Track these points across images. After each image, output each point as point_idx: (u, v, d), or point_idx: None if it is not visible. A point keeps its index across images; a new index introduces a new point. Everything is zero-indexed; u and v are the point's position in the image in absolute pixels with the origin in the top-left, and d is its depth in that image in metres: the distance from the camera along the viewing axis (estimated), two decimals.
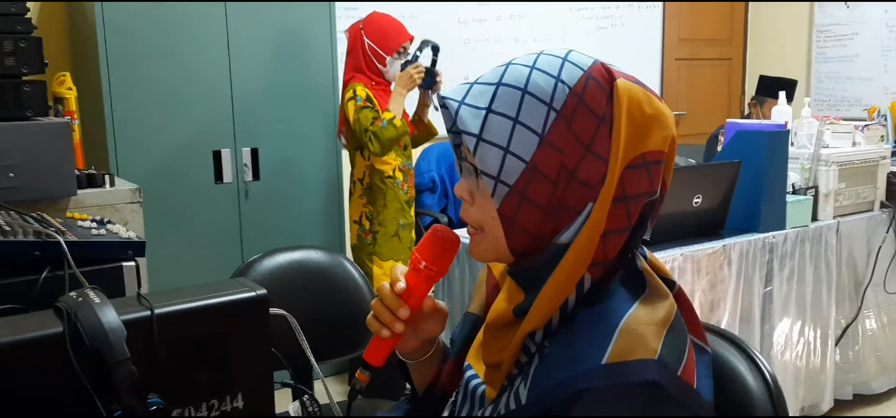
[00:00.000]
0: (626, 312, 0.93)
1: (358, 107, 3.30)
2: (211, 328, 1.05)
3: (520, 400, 0.95)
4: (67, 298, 0.98)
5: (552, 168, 0.93)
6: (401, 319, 1.09)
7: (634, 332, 0.91)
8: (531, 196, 0.94)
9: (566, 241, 0.95)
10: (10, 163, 2.00)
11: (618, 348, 0.90)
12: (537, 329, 0.97)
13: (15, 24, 2.01)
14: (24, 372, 0.91)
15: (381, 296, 1.10)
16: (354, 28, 3.46)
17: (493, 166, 0.94)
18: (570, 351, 0.92)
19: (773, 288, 3.10)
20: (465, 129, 0.95)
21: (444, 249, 1.10)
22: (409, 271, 1.11)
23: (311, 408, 1.28)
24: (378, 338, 1.11)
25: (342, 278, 2.48)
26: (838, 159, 3.30)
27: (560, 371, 0.92)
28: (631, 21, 5.82)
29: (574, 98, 0.93)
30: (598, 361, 0.89)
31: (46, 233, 1.35)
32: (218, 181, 3.61)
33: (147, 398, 0.95)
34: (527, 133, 0.93)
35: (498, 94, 0.95)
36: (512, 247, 0.98)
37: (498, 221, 0.97)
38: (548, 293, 0.94)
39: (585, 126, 0.93)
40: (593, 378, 0.88)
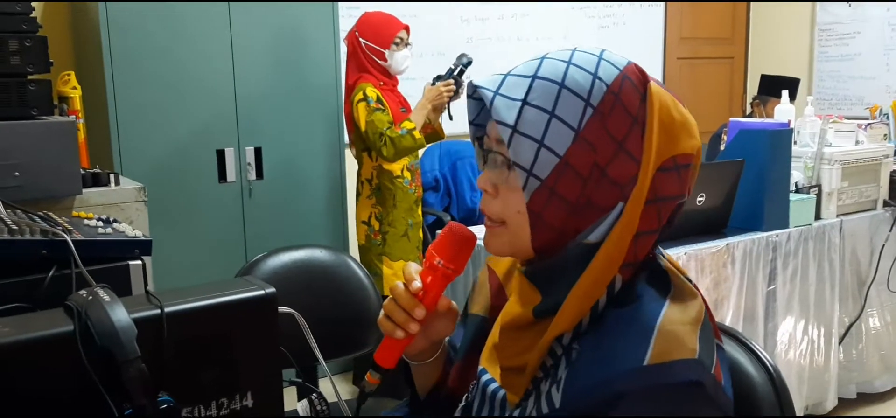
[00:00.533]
0: (659, 312, 0.92)
1: (371, 109, 3.29)
2: (220, 326, 1.05)
3: (552, 403, 0.93)
4: (78, 297, 0.98)
5: (585, 164, 0.92)
6: (416, 319, 1.06)
7: (672, 333, 0.90)
8: (561, 192, 0.92)
9: (595, 241, 0.93)
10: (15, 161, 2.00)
11: (658, 349, 0.89)
12: (567, 331, 0.94)
13: (20, 23, 2.01)
14: (35, 370, 0.92)
15: (394, 296, 1.07)
16: (350, 34, 3.46)
17: (527, 159, 0.92)
18: (606, 353, 0.91)
19: (777, 286, 3.10)
20: (500, 120, 0.93)
21: (461, 247, 1.06)
22: (424, 269, 1.07)
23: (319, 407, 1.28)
24: (390, 339, 1.08)
25: (346, 277, 2.48)
26: (841, 158, 3.30)
27: (596, 373, 0.90)
28: (633, 20, 5.82)
29: (611, 96, 0.93)
30: (639, 362, 0.88)
31: (53, 232, 1.35)
32: (221, 180, 3.61)
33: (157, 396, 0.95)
34: (562, 127, 0.92)
35: (534, 86, 0.94)
36: (535, 243, 0.97)
37: (524, 216, 0.95)
38: (578, 294, 0.93)
39: (620, 125, 0.93)
40: (636, 379, 0.87)
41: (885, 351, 3.66)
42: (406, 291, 1.06)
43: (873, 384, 3.66)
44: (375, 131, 3.28)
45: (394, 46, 3.40)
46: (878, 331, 3.62)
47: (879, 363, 3.65)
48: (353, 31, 3.43)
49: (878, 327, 3.61)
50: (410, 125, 3.30)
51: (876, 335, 3.61)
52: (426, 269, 1.07)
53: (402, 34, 3.43)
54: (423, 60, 4.76)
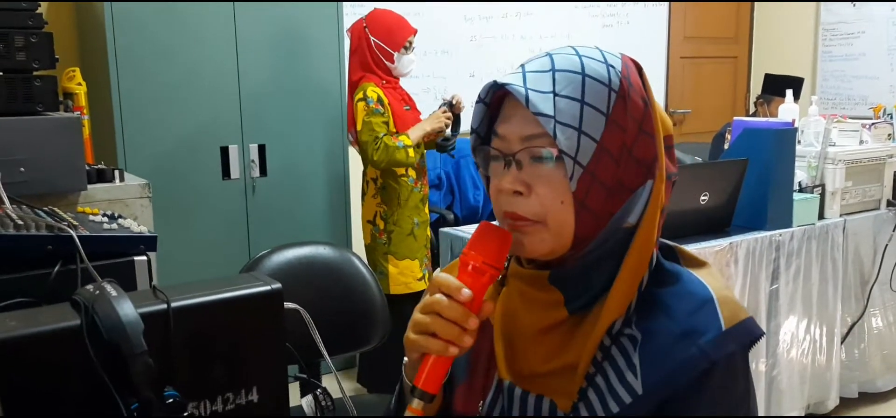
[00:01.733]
0: (704, 283, 0.98)
1: (369, 110, 3.29)
2: (226, 321, 1.06)
3: (633, 390, 0.93)
4: (85, 291, 0.98)
5: (616, 146, 0.95)
6: (470, 331, 0.95)
7: (728, 298, 0.97)
8: (600, 176, 0.94)
9: (634, 222, 0.96)
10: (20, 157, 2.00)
11: (727, 314, 0.94)
12: (620, 317, 0.95)
13: (26, 19, 2.02)
14: (43, 364, 0.92)
15: (439, 310, 0.95)
16: (357, 26, 3.45)
17: (570, 147, 0.93)
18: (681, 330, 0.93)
19: (780, 285, 3.10)
20: (541, 112, 0.93)
21: (503, 244, 0.98)
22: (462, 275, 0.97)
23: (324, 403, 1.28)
24: (438, 360, 0.96)
25: (350, 274, 2.49)
26: (845, 157, 3.30)
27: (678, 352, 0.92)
28: (636, 19, 5.82)
29: (625, 80, 0.96)
30: (719, 329, 0.93)
31: (59, 228, 1.35)
32: (225, 177, 3.61)
33: (163, 391, 0.96)
34: (594, 113, 0.94)
35: (557, 79, 0.95)
36: (578, 232, 0.96)
37: (567, 206, 0.95)
38: (626, 276, 0.95)
39: (636, 106, 0.96)
40: (724, 345, 0.92)
41: (888, 350, 3.66)
42: (454, 302, 0.95)
43: (875, 383, 3.66)
44: (371, 134, 3.28)
45: (403, 50, 3.40)
46: (880, 331, 3.62)
47: (882, 363, 3.65)
48: (362, 25, 3.42)
49: (880, 327, 3.61)
50: (408, 141, 3.32)
51: (878, 335, 3.62)
52: (465, 275, 0.97)
53: (412, 38, 3.44)
54: (427, 58, 4.76)
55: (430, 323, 0.95)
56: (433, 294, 0.96)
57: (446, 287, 0.95)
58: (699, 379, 0.91)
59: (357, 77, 3.44)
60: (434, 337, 0.95)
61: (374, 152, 3.29)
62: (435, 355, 0.95)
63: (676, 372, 0.92)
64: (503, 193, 0.98)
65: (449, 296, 0.95)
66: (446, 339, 0.95)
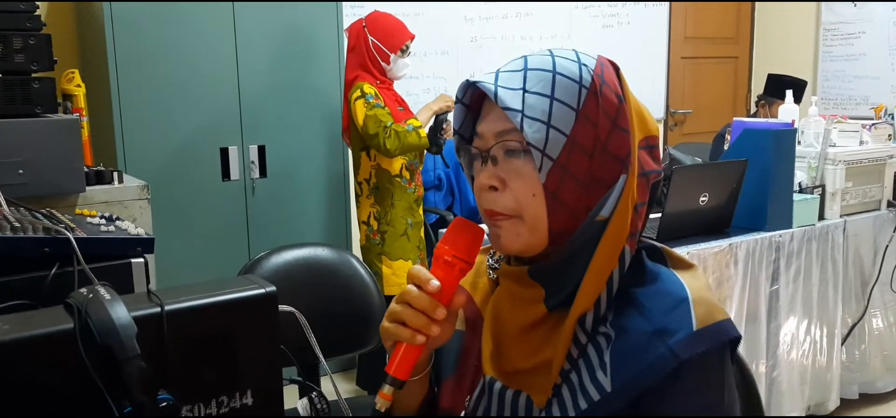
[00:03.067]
0: (680, 282, 0.98)
1: (370, 105, 3.29)
2: (220, 324, 1.05)
3: (602, 388, 0.94)
4: (78, 294, 0.98)
5: (588, 141, 0.97)
6: (437, 321, 0.99)
7: (705, 298, 0.97)
8: (572, 169, 0.96)
9: (606, 216, 0.97)
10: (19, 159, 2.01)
11: (700, 314, 0.95)
12: (588, 310, 0.96)
13: (24, 21, 2.02)
14: (35, 367, 0.92)
15: (409, 300, 0.99)
16: (357, 26, 3.46)
17: (539, 140, 0.95)
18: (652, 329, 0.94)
19: (780, 286, 3.10)
20: (508, 106, 0.96)
21: (474, 239, 1.02)
22: (435, 267, 1.01)
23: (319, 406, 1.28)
24: (408, 348, 0.99)
25: (349, 275, 2.49)
26: (845, 158, 3.30)
27: (648, 351, 0.93)
28: (637, 19, 5.81)
29: (598, 78, 0.99)
30: (691, 329, 0.94)
31: (56, 230, 1.35)
32: (225, 178, 3.62)
33: (157, 394, 0.95)
34: (564, 108, 0.97)
35: (528, 77, 0.99)
36: (553, 226, 0.98)
37: (540, 199, 0.97)
38: (595, 269, 0.96)
39: (609, 103, 0.98)
40: (694, 345, 0.93)
41: (888, 351, 3.65)
42: (422, 293, 0.99)
43: (876, 384, 3.66)
44: (379, 123, 3.28)
45: (400, 53, 3.41)
46: (881, 332, 3.61)
47: (882, 363, 3.65)
48: (361, 25, 3.43)
49: (881, 328, 3.61)
50: (417, 123, 3.32)
51: (879, 336, 3.61)
52: (437, 267, 1.01)
53: (409, 43, 3.45)
54: (427, 59, 4.77)
55: (400, 312, 1.00)
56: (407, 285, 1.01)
57: (417, 278, 1.00)
58: (668, 378, 0.92)
59: (352, 76, 3.45)
60: (404, 325, 0.99)
61: (386, 140, 3.28)
62: (404, 343, 0.99)
63: (645, 371, 0.93)
64: (482, 190, 1.01)
65: (419, 286, 0.99)
66: (415, 328, 0.99)
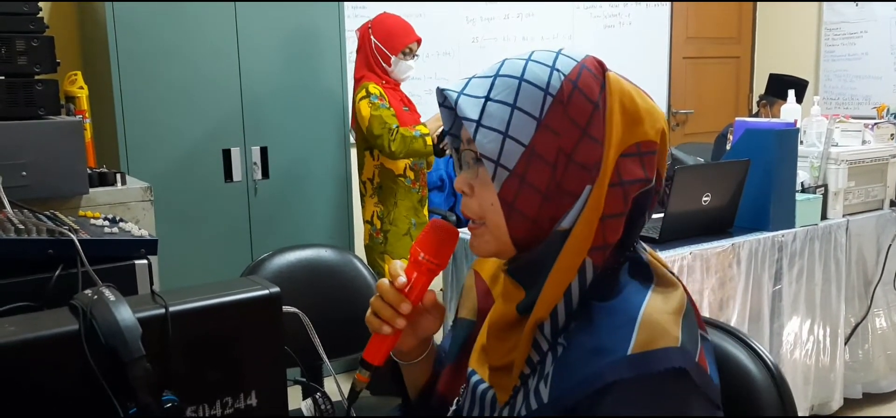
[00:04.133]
0: (642, 302, 0.94)
1: (375, 105, 3.31)
2: (225, 326, 1.06)
3: (541, 399, 0.95)
4: (83, 296, 0.98)
5: (550, 151, 0.95)
6: (402, 314, 1.07)
7: (655, 322, 0.92)
8: (531, 179, 0.95)
9: (567, 227, 0.96)
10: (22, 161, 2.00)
11: (641, 338, 0.90)
12: (543, 319, 0.97)
13: (27, 23, 2.01)
14: (41, 369, 0.92)
15: (380, 292, 1.08)
16: (364, 28, 3.48)
17: (493, 150, 0.95)
18: (592, 346, 0.92)
19: (783, 286, 3.10)
20: (464, 116, 0.97)
21: (443, 241, 1.08)
22: (408, 266, 1.09)
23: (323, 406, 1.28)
24: (378, 337, 1.09)
25: (352, 276, 2.48)
26: (848, 157, 3.29)
27: (583, 366, 0.91)
28: (638, 19, 5.81)
29: (569, 84, 0.96)
30: (624, 353, 0.89)
31: (60, 232, 1.35)
32: (227, 180, 3.62)
33: (162, 395, 0.96)
34: (525, 117, 0.95)
35: (495, 84, 0.98)
36: (513, 234, 0.99)
37: (498, 208, 0.98)
38: (552, 280, 0.95)
39: (581, 110, 0.96)
40: (621, 369, 0.88)
41: (892, 351, 3.65)
42: (391, 287, 1.07)
43: (879, 384, 3.66)
44: (383, 125, 3.29)
45: (401, 55, 3.42)
46: (884, 332, 3.61)
47: (885, 363, 3.64)
48: (368, 27, 3.45)
49: (884, 327, 3.60)
50: (424, 130, 3.33)
51: (882, 335, 3.61)
52: (411, 265, 1.08)
53: (413, 45, 3.46)
54: (429, 60, 4.77)
55: (373, 303, 1.09)
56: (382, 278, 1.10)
57: (392, 273, 1.08)
58: (593, 397, 0.90)
59: (359, 76, 3.48)
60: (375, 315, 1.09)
61: (391, 143, 3.29)
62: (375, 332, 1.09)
63: (575, 388, 0.92)
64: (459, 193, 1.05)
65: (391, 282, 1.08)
66: (383, 319, 1.08)
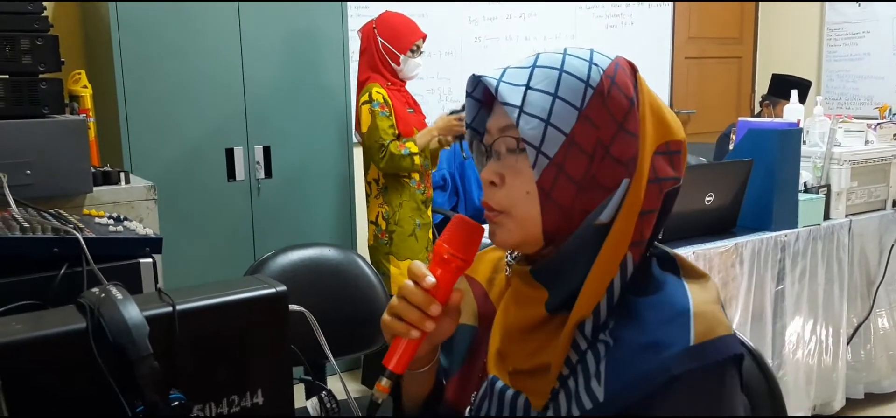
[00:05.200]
0: (686, 295, 0.96)
1: (375, 113, 3.31)
2: (231, 324, 1.06)
3: (595, 398, 0.93)
4: (90, 294, 0.98)
5: (589, 142, 0.95)
6: (431, 317, 1.00)
7: (707, 312, 0.94)
8: (568, 169, 0.95)
9: (606, 221, 0.95)
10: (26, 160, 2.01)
11: (699, 329, 0.92)
12: (585, 317, 0.95)
13: (32, 22, 2.02)
14: (48, 367, 0.92)
15: (405, 294, 1.01)
16: (368, 27, 3.47)
17: (535, 136, 0.94)
18: (646, 341, 0.92)
19: (785, 286, 3.10)
20: (507, 102, 0.96)
21: (470, 237, 1.03)
22: (434, 264, 1.03)
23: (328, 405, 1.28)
24: (400, 342, 1.01)
25: (355, 275, 2.49)
26: (851, 157, 3.30)
27: (641, 362, 0.91)
28: (641, 19, 5.81)
29: (607, 79, 0.97)
30: (687, 343, 0.91)
31: (65, 230, 1.36)
32: (230, 179, 3.62)
33: (169, 394, 0.96)
34: (566, 107, 0.95)
35: (534, 73, 0.98)
36: (546, 225, 0.97)
37: (533, 197, 0.97)
38: (594, 276, 0.94)
39: (618, 105, 0.97)
40: (687, 361, 0.90)
41: (894, 351, 3.64)
42: (418, 288, 1.01)
43: (881, 384, 3.65)
44: (376, 139, 3.30)
45: (410, 53, 3.42)
46: (886, 332, 3.61)
47: (888, 363, 3.64)
48: (372, 26, 3.44)
49: (886, 327, 3.60)
50: (414, 148, 3.33)
51: (884, 335, 3.60)
52: (436, 264, 1.03)
53: (419, 43, 3.45)
54: (432, 60, 4.76)
55: (396, 306, 1.02)
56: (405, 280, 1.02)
57: (414, 274, 1.02)
58: (658, 392, 0.90)
59: (364, 77, 3.46)
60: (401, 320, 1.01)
61: (380, 160, 3.33)
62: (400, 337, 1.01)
63: (636, 384, 0.91)
64: (484, 184, 1.02)
65: (416, 282, 1.01)
66: (410, 322, 1.01)
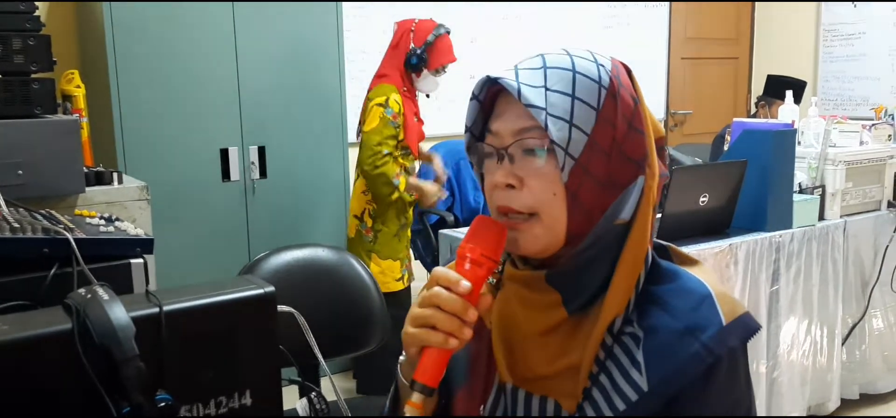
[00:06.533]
0: (697, 279, 0.99)
1: (385, 119, 3.32)
2: (219, 325, 1.05)
3: (639, 388, 0.94)
4: (76, 295, 0.98)
5: (607, 142, 0.96)
6: (469, 323, 0.96)
7: (724, 293, 0.98)
8: (592, 170, 0.95)
9: (627, 218, 0.96)
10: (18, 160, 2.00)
11: (726, 309, 0.96)
12: (619, 314, 0.96)
13: (24, 22, 2.02)
14: (34, 368, 0.92)
15: (440, 303, 0.95)
16: (405, 26, 3.47)
17: (563, 138, 0.94)
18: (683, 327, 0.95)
19: (780, 287, 3.10)
20: (532, 104, 0.94)
21: (499, 238, 0.98)
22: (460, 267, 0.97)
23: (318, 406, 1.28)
24: (433, 353, 0.95)
25: (348, 276, 2.48)
26: (845, 158, 3.30)
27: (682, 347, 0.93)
28: (637, 20, 5.81)
29: (615, 79, 0.98)
30: (719, 325, 0.94)
31: (55, 230, 1.35)
32: (225, 179, 3.62)
33: (155, 395, 0.95)
34: (585, 108, 0.96)
35: (548, 75, 0.97)
36: (570, 226, 0.97)
37: (560, 199, 0.96)
38: (624, 273, 0.96)
39: (627, 104, 0.98)
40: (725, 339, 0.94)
41: (889, 352, 3.65)
42: (452, 295, 0.95)
43: (876, 385, 3.66)
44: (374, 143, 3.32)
45: (435, 73, 3.44)
46: (881, 332, 3.61)
47: (882, 364, 3.65)
48: (409, 28, 3.45)
49: (881, 328, 3.61)
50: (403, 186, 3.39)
51: (879, 336, 3.61)
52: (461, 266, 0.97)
53: (447, 65, 3.48)
54: None
55: (430, 316, 0.95)
56: (432, 287, 0.96)
57: (445, 280, 0.96)
58: (704, 374, 0.93)
59: (383, 72, 3.47)
60: (434, 329, 0.95)
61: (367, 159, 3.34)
62: (436, 348, 0.95)
63: (682, 369, 0.93)
64: (497, 188, 0.99)
65: (448, 288, 0.95)
66: (446, 332, 0.95)
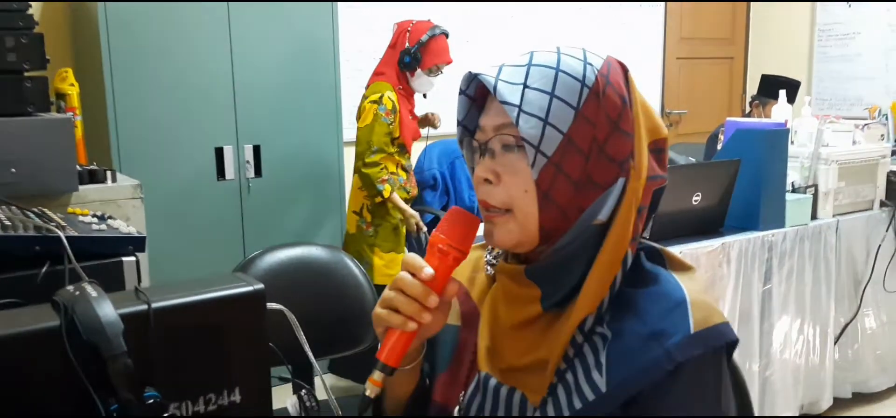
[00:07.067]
0: (679, 285, 0.98)
1: (378, 116, 3.36)
2: (208, 322, 1.05)
3: (597, 388, 0.95)
4: (65, 292, 0.98)
5: (585, 141, 0.96)
6: (429, 308, 0.99)
7: (702, 301, 0.97)
8: (566, 168, 0.96)
9: (604, 219, 0.96)
10: (11, 158, 2.00)
11: (697, 317, 0.95)
12: (590, 313, 0.96)
13: (17, 19, 2.01)
14: (21, 365, 0.92)
15: (402, 287, 1.00)
16: (404, 26, 3.51)
17: (534, 136, 0.95)
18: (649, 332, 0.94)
19: (773, 286, 3.10)
20: (506, 100, 0.96)
21: (468, 228, 1.03)
22: (430, 255, 1.02)
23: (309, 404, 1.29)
24: (394, 335, 1.00)
25: (343, 275, 2.49)
26: (838, 158, 3.31)
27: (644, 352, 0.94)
28: (633, 20, 5.82)
29: (602, 78, 0.98)
30: (686, 333, 0.94)
31: (47, 228, 1.36)
32: (220, 177, 3.62)
33: (143, 392, 0.96)
34: (563, 106, 0.96)
35: (530, 72, 0.99)
36: (543, 224, 0.98)
37: (531, 196, 0.97)
38: (597, 273, 0.96)
39: (613, 104, 0.98)
40: (689, 348, 0.93)
41: (881, 351, 3.66)
42: (415, 280, 1.00)
43: (869, 384, 3.67)
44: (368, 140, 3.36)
45: (429, 72, 3.45)
46: (873, 331, 3.62)
47: (875, 363, 3.66)
48: (406, 28, 3.48)
49: (873, 327, 3.62)
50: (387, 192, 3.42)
51: (871, 335, 3.62)
52: (432, 255, 1.02)
53: (442, 66, 3.50)
54: None
55: (393, 299, 1.00)
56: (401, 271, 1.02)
57: (411, 266, 1.01)
58: (664, 380, 0.93)
59: (381, 70, 3.52)
60: (396, 312, 1.00)
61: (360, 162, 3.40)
62: (396, 329, 1.00)
63: (640, 373, 0.93)
64: (479, 182, 1.02)
65: (413, 274, 1.00)
66: (407, 315, 0.99)
